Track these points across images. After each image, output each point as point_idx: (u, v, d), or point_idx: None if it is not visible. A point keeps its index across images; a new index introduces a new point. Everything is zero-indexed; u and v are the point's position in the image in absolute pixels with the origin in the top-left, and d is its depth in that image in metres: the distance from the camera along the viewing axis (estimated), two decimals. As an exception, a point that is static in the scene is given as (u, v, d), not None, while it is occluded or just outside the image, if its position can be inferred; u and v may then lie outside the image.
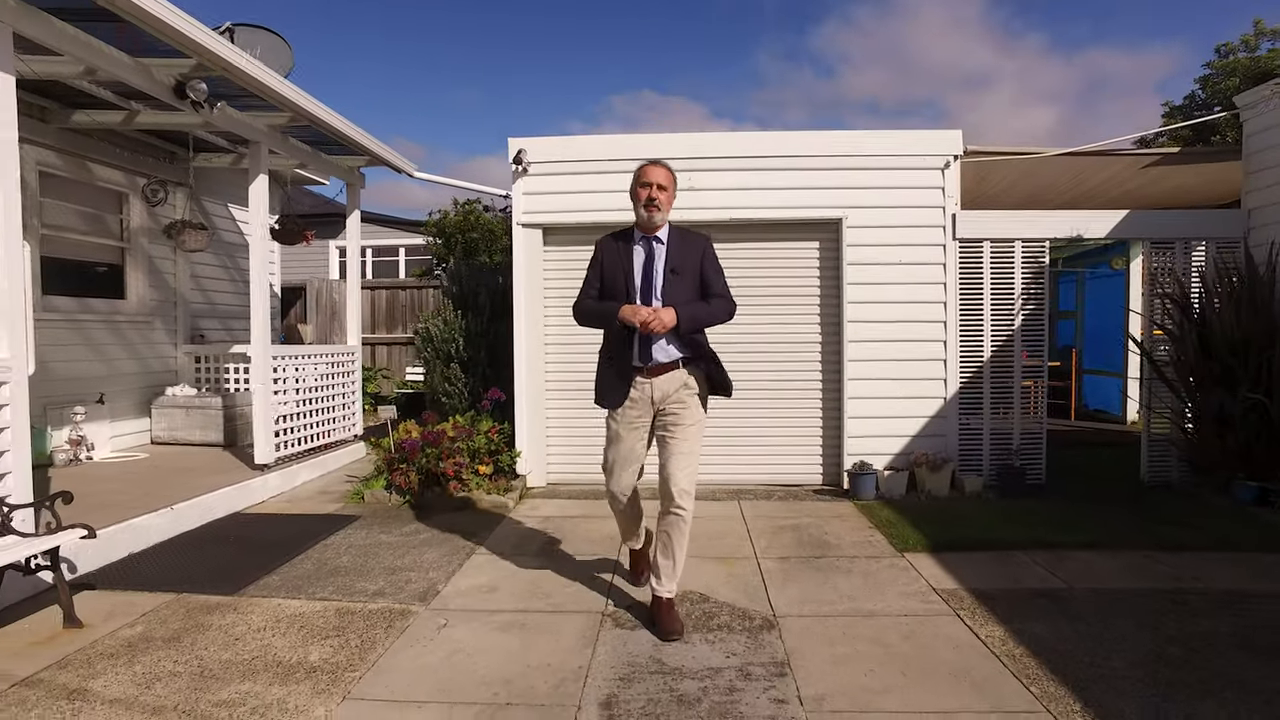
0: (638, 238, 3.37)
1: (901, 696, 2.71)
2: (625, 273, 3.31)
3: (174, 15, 4.12)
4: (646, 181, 3.29)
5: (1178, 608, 3.48)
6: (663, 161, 3.37)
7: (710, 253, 3.41)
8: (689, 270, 3.31)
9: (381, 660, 3.02)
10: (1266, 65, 11.26)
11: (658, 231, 3.35)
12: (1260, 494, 5.04)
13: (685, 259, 3.32)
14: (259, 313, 5.90)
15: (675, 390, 3.27)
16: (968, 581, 3.86)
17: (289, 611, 3.52)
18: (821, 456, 6.17)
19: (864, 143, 5.96)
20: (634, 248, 3.35)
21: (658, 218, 3.29)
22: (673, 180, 3.37)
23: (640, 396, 3.29)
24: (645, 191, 3.28)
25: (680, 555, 3.31)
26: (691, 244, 3.38)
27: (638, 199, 3.31)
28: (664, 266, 3.29)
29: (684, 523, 3.24)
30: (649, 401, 3.30)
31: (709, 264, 3.37)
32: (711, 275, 3.37)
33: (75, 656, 3.06)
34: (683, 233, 3.41)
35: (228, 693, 2.76)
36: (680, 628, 3.23)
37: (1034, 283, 5.91)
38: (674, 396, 3.27)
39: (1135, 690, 2.71)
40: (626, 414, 3.32)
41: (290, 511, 5.46)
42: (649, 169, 3.33)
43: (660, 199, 3.28)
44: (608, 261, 3.38)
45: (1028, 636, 3.18)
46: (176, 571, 4.07)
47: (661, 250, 3.33)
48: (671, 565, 3.29)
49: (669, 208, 3.34)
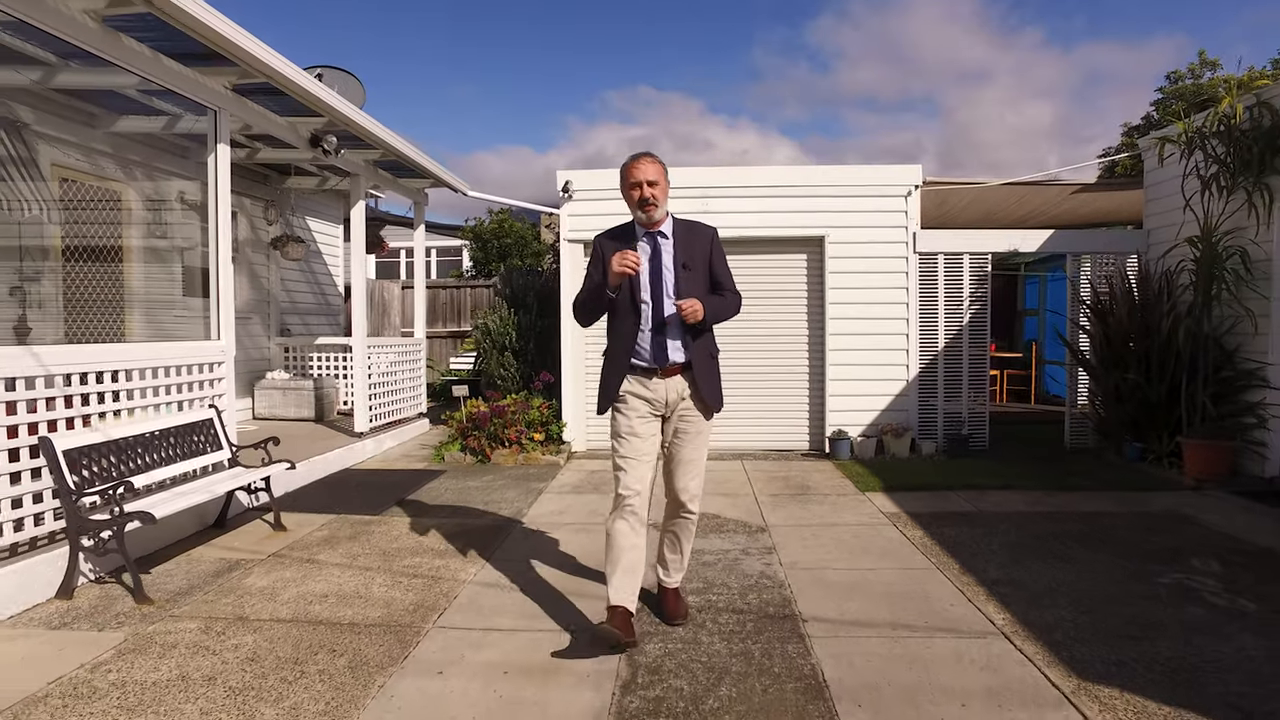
0: (640, 234, 3.13)
1: (844, 563, 4.19)
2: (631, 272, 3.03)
3: (329, 95, 5.60)
4: (635, 181, 3.02)
5: (1047, 520, 4.96)
6: (649, 153, 3.09)
7: (718, 245, 3.23)
8: (699, 264, 3.12)
9: (500, 548, 4.50)
10: (1208, 92, 12.69)
11: (660, 226, 3.12)
12: (1141, 452, 6.51)
13: (694, 253, 3.12)
14: (359, 312, 7.39)
15: (688, 395, 3.13)
16: (906, 507, 5.34)
17: (424, 524, 5.01)
18: (808, 427, 7.65)
19: (841, 175, 7.43)
20: (638, 244, 3.12)
21: (656, 215, 3.06)
22: (663, 171, 3.08)
23: (654, 398, 3.10)
24: (637, 192, 3.03)
25: (688, 550, 3.35)
26: (699, 236, 3.18)
27: (631, 200, 3.07)
28: (674, 262, 3.08)
29: (692, 525, 3.30)
30: (662, 403, 3.11)
31: (718, 257, 3.21)
32: (720, 269, 3.21)
33: (294, 545, 4.55)
34: (688, 225, 3.19)
35: (406, 562, 4.24)
36: (685, 612, 3.33)
37: (978, 288, 7.37)
38: (687, 401, 3.13)
39: (996, 558, 4.19)
40: (638, 409, 3.11)
41: (388, 467, 6.95)
42: (635, 166, 3.04)
43: (654, 194, 3.02)
44: (609, 260, 3.04)
45: (937, 535, 4.66)
46: (327, 502, 5.57)
47: (668, 245, 3.11)
48: (680, 559, 3.35)
49: (665, 200, 3.09)
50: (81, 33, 3.91)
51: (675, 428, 3.15)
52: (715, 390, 3.17)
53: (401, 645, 3.13)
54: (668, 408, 3.12)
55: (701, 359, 3.12)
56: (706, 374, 3.13)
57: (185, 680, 2.83)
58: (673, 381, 3.09)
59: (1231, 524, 4.83)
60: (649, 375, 3.09)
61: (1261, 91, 5.73)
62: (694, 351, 3.09)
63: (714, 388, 3.16)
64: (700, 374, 3.10)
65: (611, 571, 3.01)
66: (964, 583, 3.82)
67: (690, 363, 3.08)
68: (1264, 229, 5.67)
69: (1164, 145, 6.39)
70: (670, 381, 3.09)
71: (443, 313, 13.20)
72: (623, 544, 3.01)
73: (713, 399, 3.15)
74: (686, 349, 3.08)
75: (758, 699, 2.69)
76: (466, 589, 3.79)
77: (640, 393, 3.10)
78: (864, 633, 3.25)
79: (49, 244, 5.95)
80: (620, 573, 2.99)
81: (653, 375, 3.09)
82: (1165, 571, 3.95)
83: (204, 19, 4.09)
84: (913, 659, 2.99)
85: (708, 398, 3.13)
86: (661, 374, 3.08)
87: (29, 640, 3.19)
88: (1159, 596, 3.61)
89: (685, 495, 3.19)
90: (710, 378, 3.15)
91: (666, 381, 3.09)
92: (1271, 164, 5.51)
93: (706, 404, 3.14)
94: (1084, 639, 3.15)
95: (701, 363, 3.11)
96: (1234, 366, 6.04)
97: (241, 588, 3.80)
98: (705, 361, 3.13)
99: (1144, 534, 4.63)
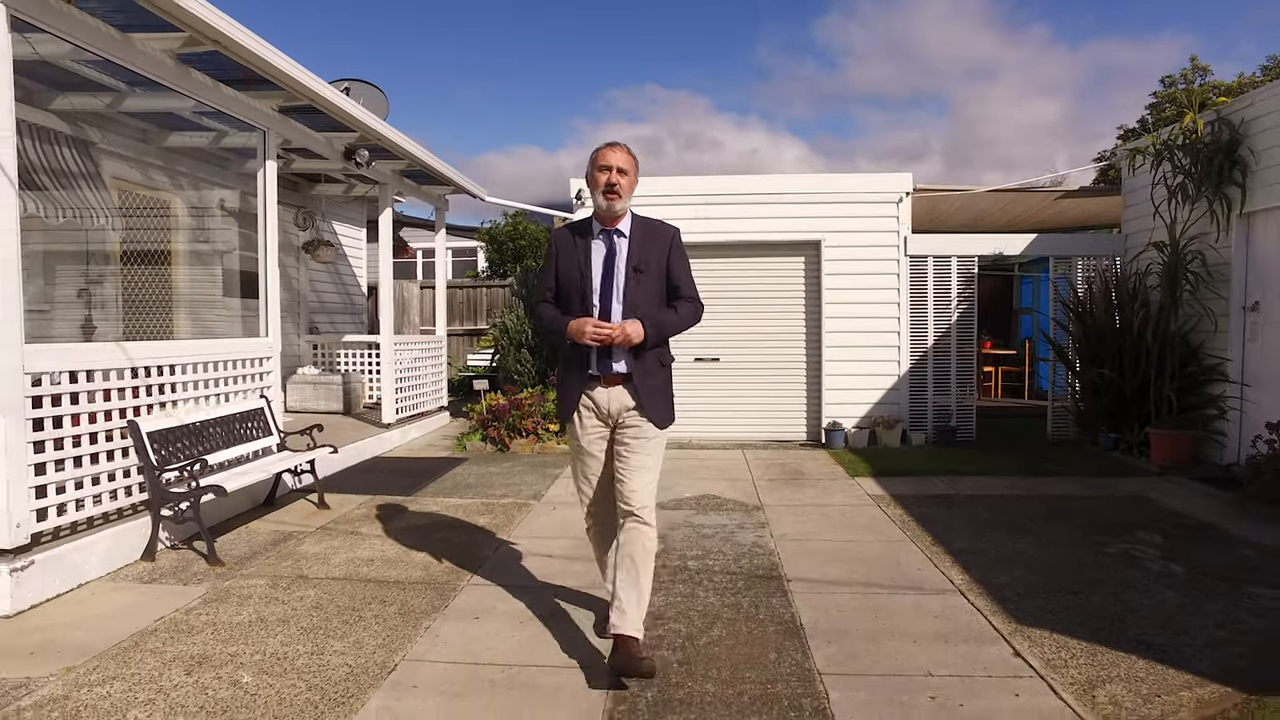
0: (597, 230, 3.00)
1: (829, 535, 4.70)
2: (582, 271, 2.95)
3: (363, 114, 6.15)
4: (605, 165, 2.91)
5: (1017, 502, 5.45)
6: (622, 143, 2.98)
7: (678, 247, 3.05)
8: (654, 268, 2.96)
9: (521, 524, 5.03)
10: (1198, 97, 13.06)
11: (619, 223, 2.98)
12: (1115, 442, 6.98)
13: (650, 255, 2.96)
14: (386, 311, 7.96)
15: (632, 406, 2.96)
16: (891, 490, 5.84)
17: (453, 503, 5.55)
18: (805, 419, 8.15)
19: (837, 183, 7.93)
20: (593, 242, 2.99)
21: (618, 206, 2.93)
22: (634, 164, 2.99)
23: (599, 407, 2.98)
24: (604, 175, 2.90)
25: (646, 583, 2.86)
26: (657, 237, 3.01)
27: (595, 184, 2.93)
28: (626, 264, 2.94)
29: (648, 540, 2.88)
30: (606, 413, 2.98)
31: (677, 261, 3.02)
32: (680, 274, 3.02)
33: (338, 520, 5.10)
34: (647, 223, 3.04)
35: (439, 534, 4.78)
36: (648, 669, 2.74)
37: (965, 289, 7.85)
38: (632, 412, 2.96)
39: (964, 531, 4.70)
40: (586, 426, 3.02)
41: (415, 455, 7.51)
42: (606, 151, 2.95)
43: (621, 184, 2.90)
44: (563, 258, 3.02)
45: (915, 513, 5.16)
46: (362, 485, 6.12)
47: (624, 245, 2.97)
48: (636, 597, 2.81)
49: (630, 195, 2.97)
50: (159, 68, 4.47)
51: (619, 436, 3.00)
52: (659, 404, 2.97)
53: (441, 598, 3.67)
54: (611, 418, 2.99)
55: (647, 371, 2.95)
56: (651, 387, 2.95)
57: (263, 621, 3.38)
58: (614, 391, 2.96)
59: (1184, 504, 5.31)
60: (594, 383, 2.98)
61: (1222, 108, 6.19)
62: (638, 363, 2.93)
63: (658, 402, 2.97)
64: (643, 387, 2.93)
65: (603, 564, 3.34)
66: (933, 552, 4.33)
67: (631, 374, 2.94)
68: (1223, 235, 6.13)
69: (1135, 156, 6.85)
70: (612, 391, 2.96)
71: (459, 312, 13.76)
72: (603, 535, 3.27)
73: (656, 414, 2.96)
74: (630, 360, 2.92)
75: (744, 637, 3.21)
76: (493, 556, 4.33)
77: (588, 404, 3.00)
78: (839, 590, 3.76)
79: (110, 250, 6.54)
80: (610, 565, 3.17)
81: (597, 384, 2.97)
82: (1114, 543, 4.44)
83: (262, 54, 4.64)
84: (878, 610, 3.51)
85: (651, 413, 2.95)
86: (605, 383, 2.96)
87: (128, 592, 3.76)
88: (1103, 563, 4.11)
89: (630, 504, 2.88)
90: (654, 391, 2.96)
91: (609, 391, 2.96)
92: (1230, 175, 5.97)
93: (650, 419, 2.97)
94: (1028, 595, 3.65)
95: (646, 375, 2.95)
96: (1198, 362, 6.50)
97: (297, 554, 4.36)
98: (653, 373, 2.97)
99: (1104, 513, 5.12)
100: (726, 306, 7.91)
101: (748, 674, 2.88)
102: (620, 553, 2.90)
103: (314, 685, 2.80)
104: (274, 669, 2.93)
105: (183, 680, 2.84)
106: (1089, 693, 2.71)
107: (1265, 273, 5.88)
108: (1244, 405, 6.02)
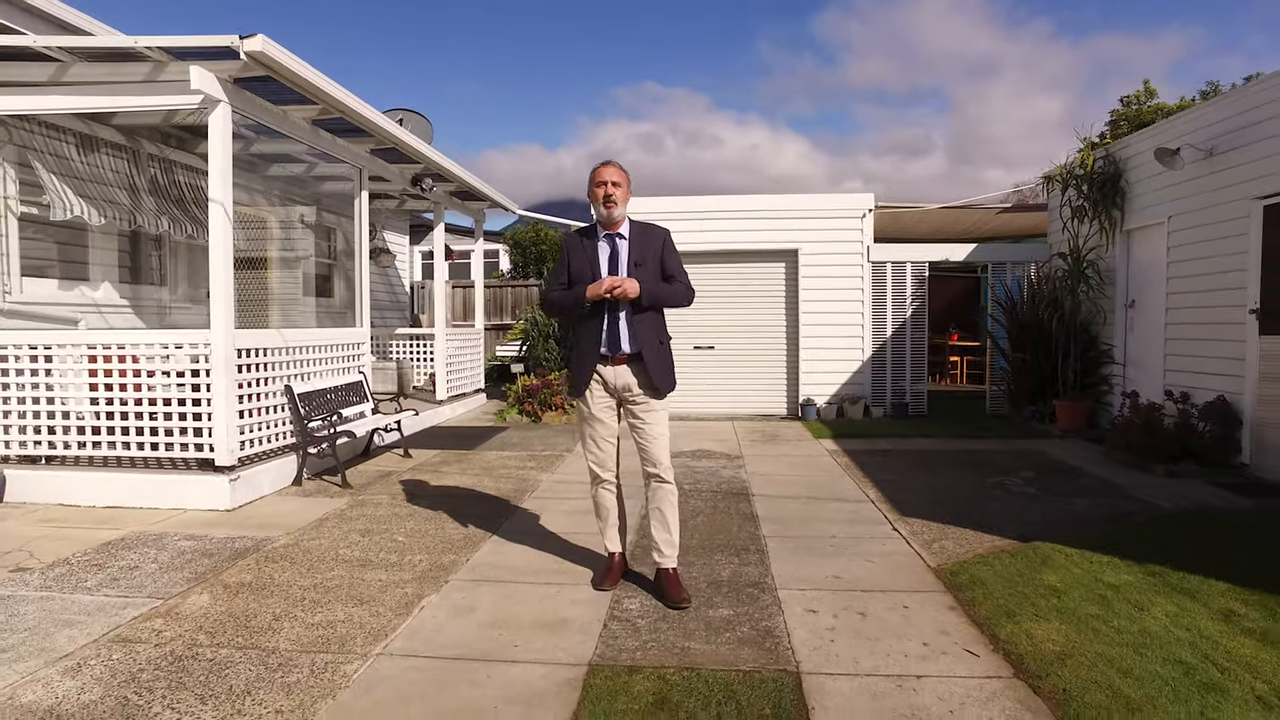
0: (601, 235, 3.54)
1: (790, 473, 6.35)
2: (592, 267, 3.49)
3: (430, 150, 7.82)
4: (600, 180, 3.45)
5: (941, 455, 7.08)
6: (613, 160, 3.51)
7: (669, 244, 3.58)
8: (650, 261, 3.50)
9: (559, 468, 6.68)
10: (1147, 118, 14.58)
11: (619, 227, 3.52)
12: (1033, 413, 8.60)
13: (646, 252, 3.50)
14: (440, 308, 9.63)
15: (637, 382, 3.48)
16: (845, 447, 7.48)
17: (505, 455, 7.22)
18: (785, 396, 9.80)
19: (811, 202, 9.56)
20: (598, 244, 3.53)
21: (616, 213, 3.45)
22: (625, 176, 3.50)
23: (607, 383, 3.51)
24: (601, 190, 3.43)
25: (675, 526, 3.54)
26: (652, 237, 3.56)
27: (595, 199, 3.47)
28: (628, 260, 3.47)
29: (671, 493, 3.54)
30: (613, 388, 3.51)
31: (669, 255, 3.56)
32: (673, 266, 3.56)
33: (421, 465, 6.78)
34: (643, 227, 3.57)
35: (500, 471, 6.44)
36: (688, 596, 3.43)
37: (918, 289, 9.45)
38: (636, 388, 3.48)
39: (891, 470, 6.34)
40: (595, 397, 3.54)
41: (465, 424, 9.20)
42: (601, 169, 3.49)
43: (615, 194, 3.43)
44: (574, 257, 3.57)
45: (858, 460, 6.80)
46: (432, 443, 7.79)
47: (624, 245, 3.50)
48: (670, 538, 3.53)
49: (625, 202, 3.49)
50: (298, 130, 6.15)
51: (630, 410, 3.54)
52: (663, 372, 3.50)
53: (513, 504, 5.34)
54: (617, 392, 3.52)
55: (650, 346, 3.47)
56: (655, 359, 3.47)
57: (397, 516, 5.05)
58: (620, 369, 3.47)
59: (1065, 454, 6.94)
60: (604, 362, 3.49)
61: (1110, 146, 7.79)
62: (642, 342, 3.45)
63: (662, 371, 3.50)
64: (649, 360, 3.46)
65: (603, 528, 3.76)
66: (862, 481, 5.97)
67: (639, 353, 3.45)
68: (1111, 247, 7.74)
69: (1049, 182, 8.46)
70: (619, 369, 3.48)
71: (488, 309, 15.43)
72: (606, 505, 3.72)
73: (661, 381, 3.49)
74: (634, 340, 3.45)
75: (719, 520, 4.87)
76: (543, 483, 6.00)
77: (598, 379, 3.53)
78: (787, 501, 5.42)
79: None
80: (609, 527, 3.74)
81: (606, 362, 3.49)
82: (997, 477, 6.07)
83: (371, 118, 6.30)
84: (811, 509, 5.16)
85: (656, 380, 3.47)
86: (613, 362, 3.47)
87: (295, 501, 5.44)
88: (981, 487, 5.74)
89: (657, 468, 3.52)
90: (658, 361, 3.49)
91: (615, 369, 3.48)
92: (1114, 200, 7.57)
93: (655, 386, 3.49)
94: (918, 504, 5.28)
95: (650, 350, 3.47)
96: (1096, 348, 8.11)
97: (402, 483, 6.03)
98: (654, 348, 3.49)
99: (1002, 461, 6.75)
100: (720, 304, 9.54)
101: (718, 537, 4.54)
102: (650, 506, 3.60)
103: (445, 539, 4.47)
104: (415, 534, 4.60)
105: (361, 540, 4.51)
106: (929, 545, 4.35)
107: (1140, 278, 7.49)
108: (1125, 382, 7.63)
